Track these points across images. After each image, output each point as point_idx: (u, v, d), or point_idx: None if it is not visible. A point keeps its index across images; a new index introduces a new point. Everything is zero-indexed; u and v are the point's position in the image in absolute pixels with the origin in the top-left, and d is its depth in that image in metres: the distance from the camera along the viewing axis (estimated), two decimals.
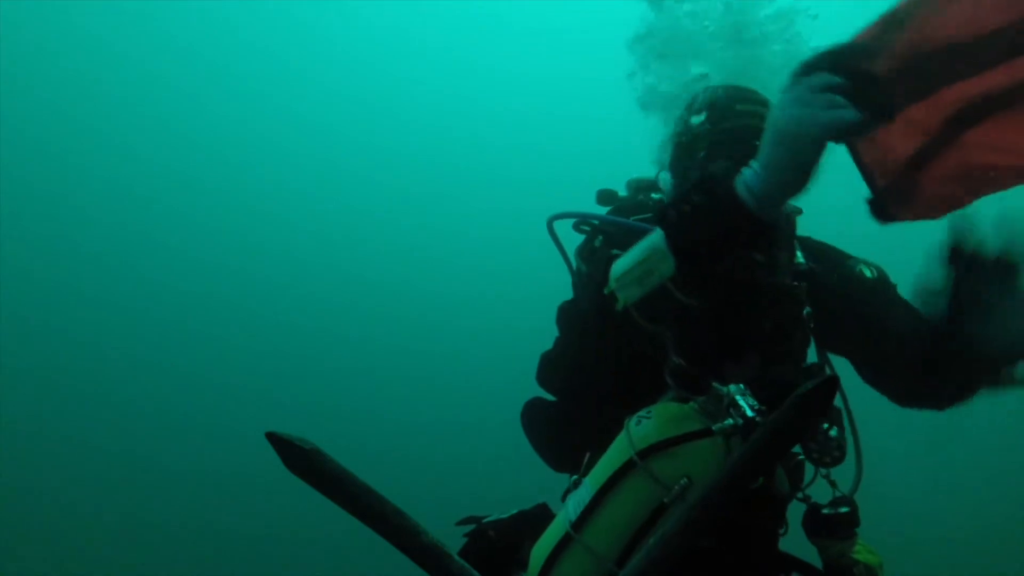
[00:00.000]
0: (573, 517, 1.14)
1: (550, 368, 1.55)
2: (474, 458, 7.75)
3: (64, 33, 9.51)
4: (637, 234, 1.20)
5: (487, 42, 10.84)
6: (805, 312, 1.32)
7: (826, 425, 1.30)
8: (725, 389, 1.11)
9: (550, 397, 1.56)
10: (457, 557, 0.89)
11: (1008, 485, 7.30)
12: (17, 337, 8.24)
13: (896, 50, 0.95)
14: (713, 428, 1.09)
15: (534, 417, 1.55)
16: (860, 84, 0.95)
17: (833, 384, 0.79)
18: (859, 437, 1.34)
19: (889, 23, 0.97)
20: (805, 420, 0.81)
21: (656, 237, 1.13)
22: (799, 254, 1.35)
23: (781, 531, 1.41)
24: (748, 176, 1.05)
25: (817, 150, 0.97)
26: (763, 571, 1.38)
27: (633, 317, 1.17)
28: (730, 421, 1.07)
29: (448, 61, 10.87)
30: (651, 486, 1.09)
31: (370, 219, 10.47)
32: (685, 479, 1.07)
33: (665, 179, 1.55)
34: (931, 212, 1.01)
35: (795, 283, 1.34)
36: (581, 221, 1.48)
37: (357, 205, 10.48)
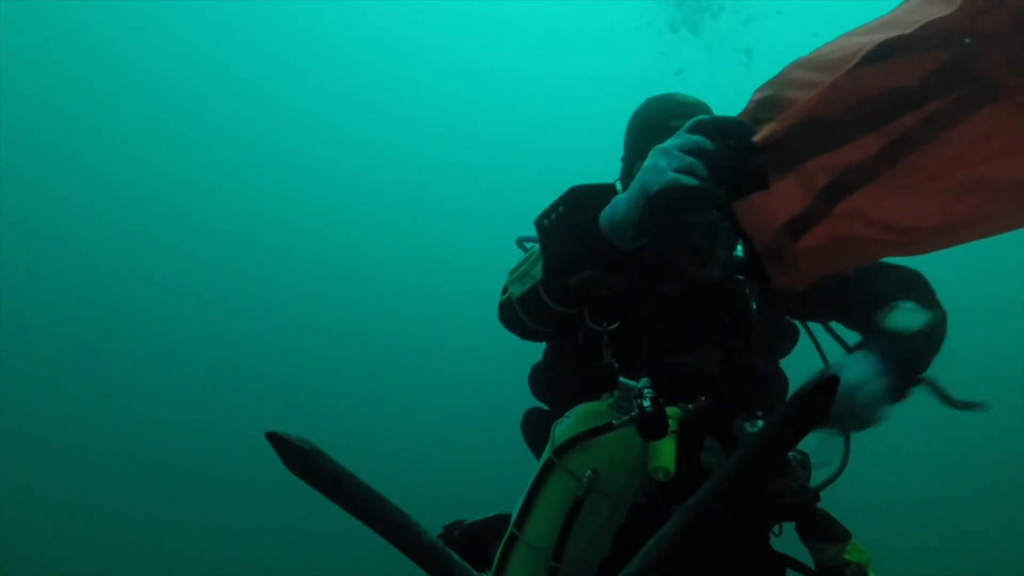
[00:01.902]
0: (515, 516, 1.23)
1: (537, 379, 1.58)
2: (474, 458, 7.75)
3: (64, 33, 9.50)
4: None
5: (490, 42, 10.82)
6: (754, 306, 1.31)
7: None
8: (633, 383, 1.16)
9: (545, 406, 1.58)
10: (456, 556, 0.89)
11: (1006, 486, 7.30)
12: (19, 338, 8.24)
13: (768, 125, 0.98)
14: (614, 422, 1.15)
15: (531, 426, 1.58)
16: (734, 154, 0.98)
17: (834, 384, 0.78)
18: (850, 435, 1.33)
19: (762, 102, 1.01)
20: (805, 421, 0.81)
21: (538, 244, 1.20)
22: (739, 248, 1.35)
23: (775, 531, 1.41)
24: (616, 201, 1.09)
25: (649, 202, 0.99)
26: (757, 570, 1.38)
27: (516, 311, 1.25)
28: (630, 415, 1.12)
29: (452, 62, 10.87)
30: (568, 481, 1.17)
31: (371, 219, 10.48)
32: (590, 471, 1.15)
33: (619, 189, 1.59)
34: (805, 279, 1.04)
35: (730, 277, 1.33)
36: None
37: (358, 205, 10.48)
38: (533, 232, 1.48)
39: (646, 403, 1.11)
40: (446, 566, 0.87)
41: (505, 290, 1.31)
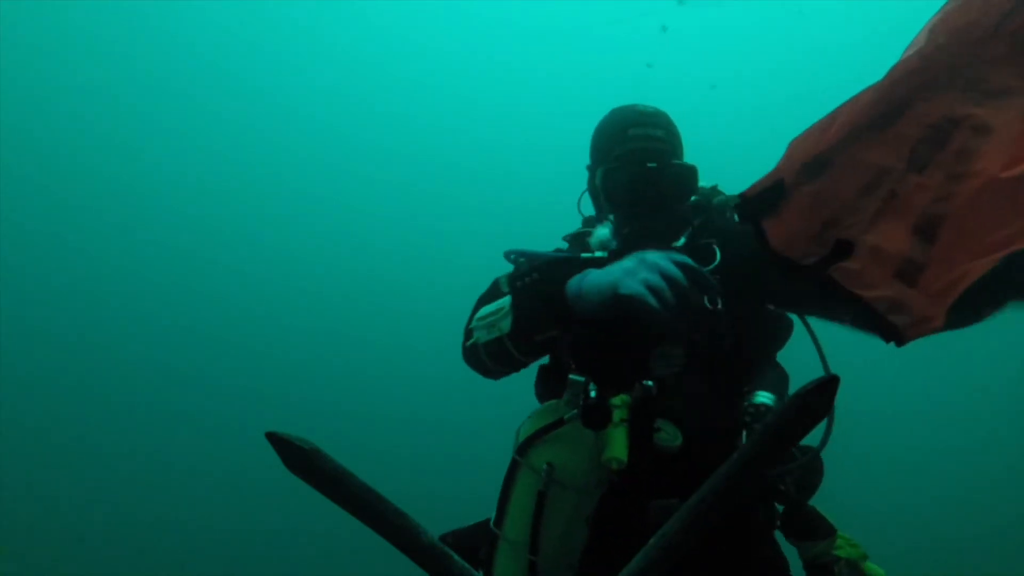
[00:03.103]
0: (493, 517, 1.32)
1: (536, 383, 1.64)
2: (474, 458, 7.74)
3: (64, 33, 9.50)
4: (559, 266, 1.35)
5: (493, 42, 10.80)
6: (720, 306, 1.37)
7: None
8: (580, 379, 1.27)
9: None
10: (457, 557, 0.89)
11: (1007, 484, 7.30)
12: (19, 338, 8.24)
13: (824, 190, 0.99)
14: (564, 417, 1.26)
15: None
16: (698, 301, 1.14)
17: (834, 383, 0.79)
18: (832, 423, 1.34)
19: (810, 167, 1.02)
20: (805, 421, 0.81)
21: (508, 298, 1.30)
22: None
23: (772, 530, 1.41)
24: (588, 275, 1.20)
25: (614, 300, 1.13)
26: (759, 572, 1.38)
27: (480, 354, 1.35)
28: (575, 411, 1.24)
29: (454, 61, 10.86)
30: (531, 476, 1.27)
31: (371, 219, 10.47)
32: (546, 464, 1.24)
33: (586, 202, 1.68)
34: (941, 319, 0.98)
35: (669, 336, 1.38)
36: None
37: (357, 205, 10.48)
38: (521, 246, 1.54)
39: (591, 395, 1.22)
40: (446, 566, 0.87)
41: (470, 334, 1.39)
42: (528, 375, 1.62)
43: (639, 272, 1.13)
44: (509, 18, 10.84)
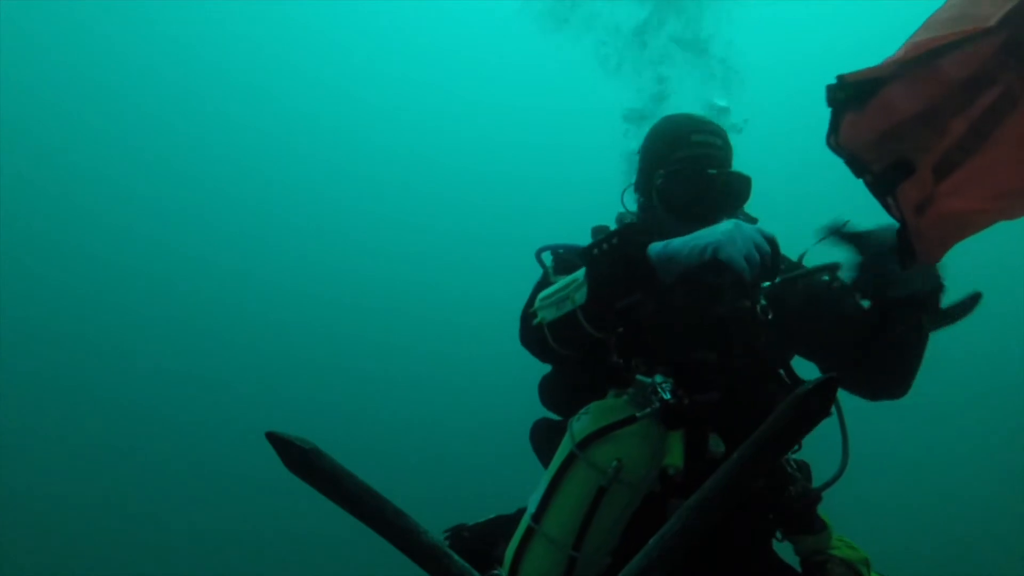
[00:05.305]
0: (532, 510, 1.27)
1: (547, 388, 1.62)
2: (474, 458, 7.75)
3: (64, 33, 9.51)
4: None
5: (496, 41, 10.80)
6: (769, 317, 1.38)
7: None
8: (649, 380, 1.26)
9: (555, 416, 1.59)
10: (456, 557, 0.89)
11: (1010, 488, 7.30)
12: (18, 337, 8.24)
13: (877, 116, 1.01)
14: (637, 415, 1.23)
15: (540, 436, 1.60)
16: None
17: (833, 384, 0.79)
18: (847, 436, 1.37)
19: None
20: (804, 420, 0.81)
21: (581, 270, 1.28)
22: None
23: (777, 536, 1.41)
24: (674, 240, 1.21)
25: (714, 262, 1.16)
26: (758, 570, 1.38)
27: (544, 335, 1.32)
28: (652, 407, 1.23)
29: (458, 61, 10.85)
30: (590, 472, 1.23)
31: (373, 220, 10.48)
32: (616, 461, 1.21)
33: (630, 197, 1.68)
34: (935, 253, 1.07)
35: (740, 304, 1.39)
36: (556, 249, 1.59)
37: (359, 206, 10.48)
38: (550, 242, 1.55)
39: (666, 395, 1.22)
40: (446, 566, 0.87)
41: (534, 315, 1.36)
42: (532, 378, 1.62)
43: (738, 240, 1.16)
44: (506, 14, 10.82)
